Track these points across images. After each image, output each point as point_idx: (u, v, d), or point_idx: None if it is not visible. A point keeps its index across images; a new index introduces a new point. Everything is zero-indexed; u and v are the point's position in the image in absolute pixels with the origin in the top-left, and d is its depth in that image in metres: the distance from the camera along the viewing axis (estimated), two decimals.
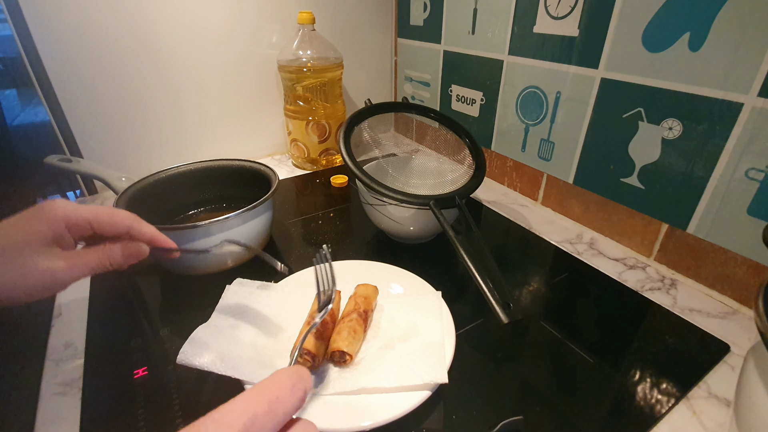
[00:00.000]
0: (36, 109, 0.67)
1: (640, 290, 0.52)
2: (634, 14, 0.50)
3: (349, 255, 0.58)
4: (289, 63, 0.77)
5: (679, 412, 0.37)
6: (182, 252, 0.40)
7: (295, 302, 0.45)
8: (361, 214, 0.63)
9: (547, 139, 0.67)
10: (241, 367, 0.36)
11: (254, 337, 0.41)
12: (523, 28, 0.65)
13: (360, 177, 0.51)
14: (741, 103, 0.43)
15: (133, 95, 0.74)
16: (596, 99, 0.57)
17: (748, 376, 0.29)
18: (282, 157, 0.94)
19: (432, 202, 0.50)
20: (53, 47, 0.65)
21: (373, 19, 0.93)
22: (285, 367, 0.38)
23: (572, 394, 0.38)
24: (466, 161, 0.61)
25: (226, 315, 0.42)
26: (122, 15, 0.68)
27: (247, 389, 0.22)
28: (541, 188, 0.71)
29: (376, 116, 0.62)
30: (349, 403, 0.35)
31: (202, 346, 0.37)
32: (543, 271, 0.56)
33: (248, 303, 0.44)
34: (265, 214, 0.54)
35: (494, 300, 0.41)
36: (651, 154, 0.53)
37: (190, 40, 0.75)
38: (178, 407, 0.37)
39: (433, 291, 0.46)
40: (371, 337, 0.42)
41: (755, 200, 0.45)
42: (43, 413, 0.37)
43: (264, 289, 0.46)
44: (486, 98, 0.76)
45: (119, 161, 0.76)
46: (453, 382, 0.37)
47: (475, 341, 0.43)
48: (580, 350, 0.43)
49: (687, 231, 0.52)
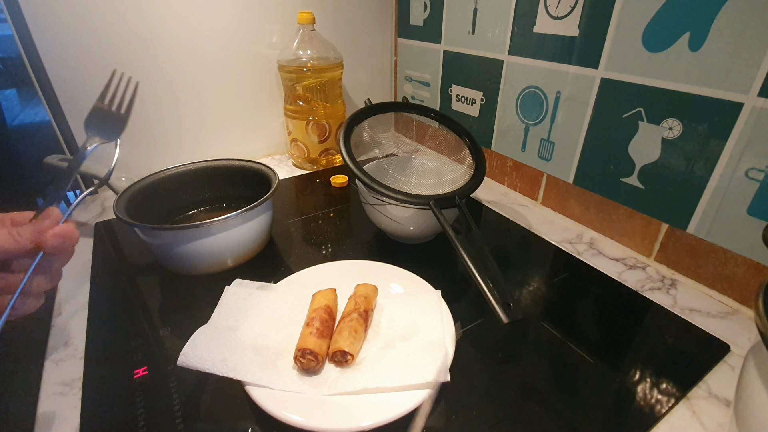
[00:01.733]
0: (36, 109, 0.67)
1: (640, 290, 0.52)
2: (634, 14, 0.50)
3: (349, 255, 0.58)
4: (289, 63, 0.77)
5: (679, 412, 0.37)
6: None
7: (294, 302, 0.45)
8: (361, 214, 0.63)
9: (547, 139, 0.67)
10: (242, 369, 0.36)
11: (254, 338, 0.41)
12: (523, 28, 0.65)
13: (360, 177, 0.51)
14: (741, 103, 0.43)
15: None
16: (596, 99, 0.57)
17: (748, 376, 0.29)
18: (282, 157, 0.94)
19: (432, 202, 0.50)
20: (53, 47, 0.65)
21: (373, 19, 0.93)
22: (286, 367, 0.38)
23: (572, 394, 0.38)
24: (466, 161, 0.61)
25: (226, 316, 0.42)
26: (122, 15, 0.68)
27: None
28: (541, 188, 0.71)
29: (376, 116, 0.62)
30: (350, 403, 0.35)
31: (203, 348, 0.37)
32: (543, 271, 0.56)
33: (248, 304, 0.44)
34: (265, 214, 0.54)
35: (494, 300, 0.41)
36: (651, 154, 0.53)
37: (191, 40, 0.75)
38: (178, 407, 0.37)
39: (433, 290, 0.46)
40: (372, 337, 0.42)
41: (755, 200, 0.45)
42: (43, 413, 0.37)
43: (263, 290, 0.46)
44: (486, 98, 0.76)
45: (119, 161, 0.76)
46: (453, 382, 0.37)
47: (475, 341, 0.43)
48: (580, 350, 0.43)
49: (687, 231, 0.52)
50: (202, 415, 0.37)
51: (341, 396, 0.35)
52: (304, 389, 0.36)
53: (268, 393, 0.35)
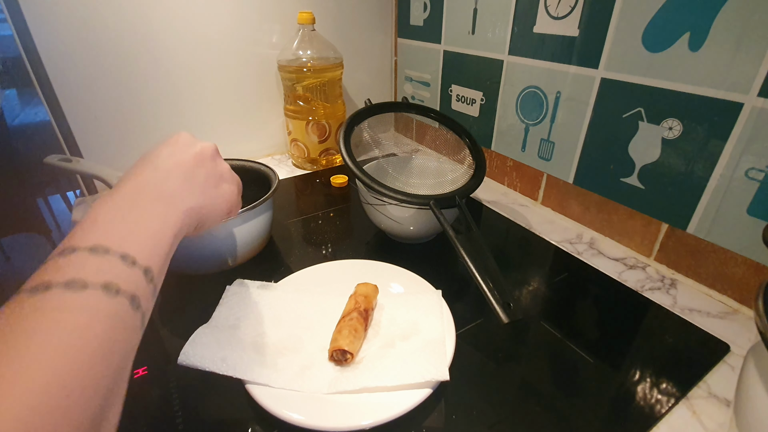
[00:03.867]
0: (36, 109, 0.67)
1: (640, 290, 0.52)
2: (634, 14, 0.50)
3: (349, 255, 0.58)
4: (289, 63, 0.77)
5: (679, 412, 0.37)
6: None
7: (295, 302, 0.45)
8: (361, 214, 0.63)
9: (547, 139, 0.67)
10: (242, 367, 0.36)
11: (255, 337, 0.41)
12: (523, 28, 0.65)
13: (360, 177, 0.51)
14: (741, 103, 0.43)
15: (133, 95, 0.74)
16: (596, 99, 0.57)
17: (748, 376, 0.29)
18: (282, 157, 0.94)
19: (432, 202, 0.50)
20: (53, 47, 0.65)
21: (373, 19, 0.93)
22: (286, 366, 0.38)
23: (572, 394, 0.38)
24: (466, 161, 0.61)
25: (227, 315, 0.42)
26: (122, 15, 0.68)
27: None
28: (541, 188, 0.71)
29: (376, 116, 0.62)
30: (349, 401, 0.35)
31: (203, 347, 0.37)
32: (543, 271, 0.56)
33: (249, 303, 0.44)
34: (265, 214, 0.54)
35: (494, 300, 0.41)
36: (651, 154, 0.53)
37: (191, 40, 0.75)
38: (178, 407, 0.37)
39: (433, 290, 0.46)
40: (372, 336, 0.42)
41: (755, 200, 0.45)
42: None
43: (264, 289, 0.46)
44: (486, 98, 0.76)
45: (119, 161, 0.76)
46: (453, 382, 0.37)
47: (475, 341, 0.43)
48: (580, 350, 0.43)
49: (687, 231, 0.52)
50: (202, 414, 0.37)
51: (341, 395, 0.35)
52: (303, 388, 0.36)
53: (268, 391, 0.35)
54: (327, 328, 0.42)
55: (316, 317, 0.44)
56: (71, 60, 0.66)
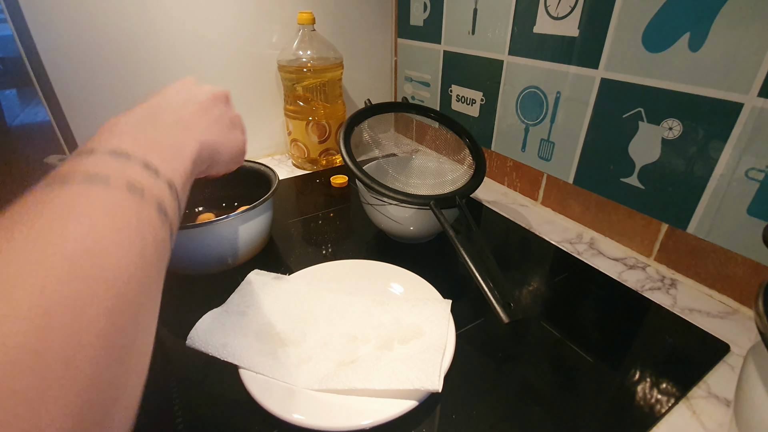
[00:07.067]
0: (36, 109, 0.67)
1: (640, 290, 0.52)
2: (634, 14, 0.50)
3: (349, 255, 0.58)
4: (289, 63, 0.77)
5: (679, 412, 0.37)
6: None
7: (305, 295, 0.46)
8: (361, 214, 0.63)
9: (547, 139, 0.67)
10: (241, 354, 0.37)
11: (259, 326, 0.41)
12: (523, 28, 0.65)
13: (360, 177, 0.51)
14: (741, 103, 0.43)
15: (134, 95, 0.73)
16: (596, 99, 0.57)
17: (748, 376, 0.29)
18: (282, 157, 0.94)
19: (432, 202, 0.50)
20: (53, 47, 0.65)
21: (373, 19, 0.93)
22: (284, 357, 0.38)
23: (572, 394, 0.38)
24: (466, 161, 0.61)
25: (238, 302, 0.44)
26: (123, 15, 0.68)
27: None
28: (541, 188, 0.71)
29: (376, 116, 0.62)
30: (350, 401, 0.35)
31: (207, 333, 0.39)
32: (543, 270, 0.56)
33: (260, 292, 0.45)
34: (265, 214, 0.54)
35: (495, 299, 0.41)
36: (651, 154, 0.53)
37: (190, 40, 0.75)
38: (178, 407, 0.37)
39: (442, 299, 0.46)
40: (372, 335, 0.42)
41: (755, 200, 0.45)
42: None
43: (278, 281, 0.47)
44: (486, 98, 0.76)
45: None
46: (453, 382, 0.37)
47: (475, 341, 0.43)
48: (580, 350, 0.43)
49: (687, 231, 0.52)
50: (201, 415, 0.37)
51: (341, 395, 0.35)
52: (296, 382, 0.36)
53: (260, 382, 0.36)
54: (331, 324, 0.42)
55: (323, 313, 0.44)
56: (71, 60, 0.66)
